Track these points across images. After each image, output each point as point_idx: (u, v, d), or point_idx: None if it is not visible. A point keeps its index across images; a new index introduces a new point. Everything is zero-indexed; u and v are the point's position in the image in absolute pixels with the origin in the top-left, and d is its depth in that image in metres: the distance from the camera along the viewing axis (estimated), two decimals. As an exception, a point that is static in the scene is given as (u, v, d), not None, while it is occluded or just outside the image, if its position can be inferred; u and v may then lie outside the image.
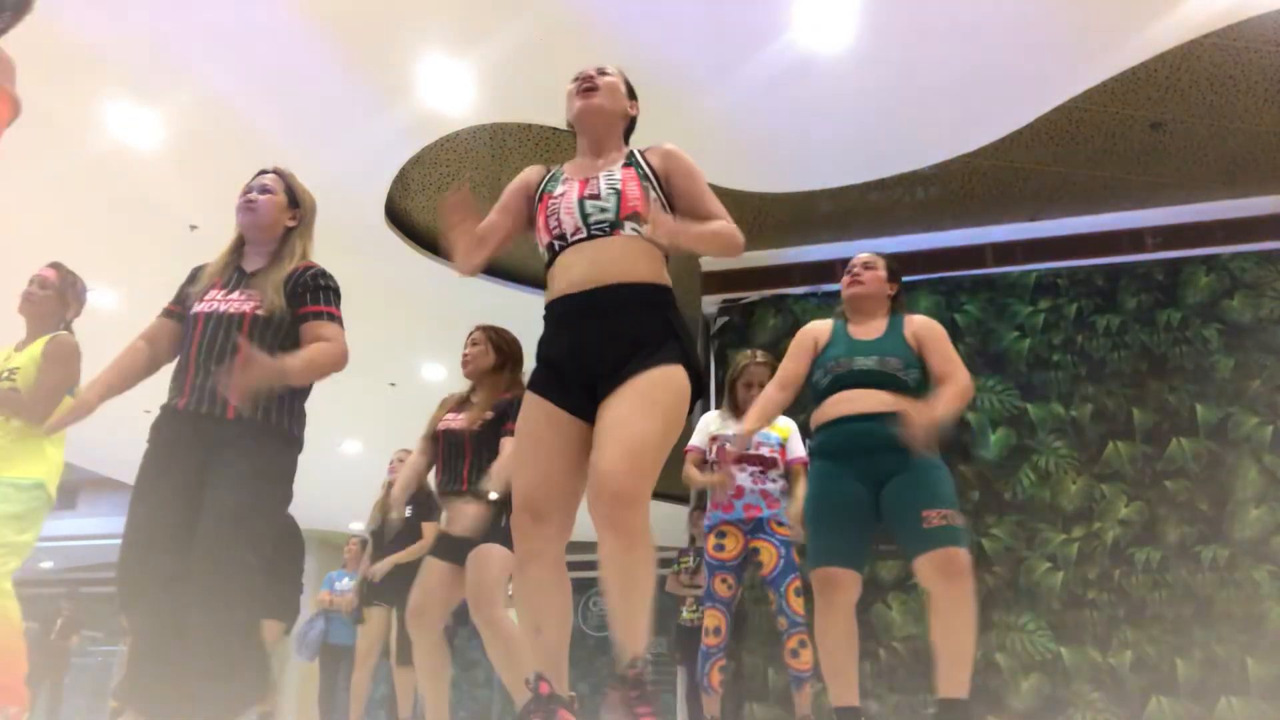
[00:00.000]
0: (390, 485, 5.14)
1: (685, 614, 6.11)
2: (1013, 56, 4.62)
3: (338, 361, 2.34)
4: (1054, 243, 5.94)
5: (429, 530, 4.85)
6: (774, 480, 3.96)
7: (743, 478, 3.90)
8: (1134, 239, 5.85)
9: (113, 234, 6.12)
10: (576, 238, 1.99)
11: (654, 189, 2.05)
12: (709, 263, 6.37)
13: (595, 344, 1.92)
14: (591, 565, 1.74)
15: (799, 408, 3.09)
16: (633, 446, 1.76)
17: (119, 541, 2.20)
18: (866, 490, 2.68)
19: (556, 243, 2.02)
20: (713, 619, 3.85)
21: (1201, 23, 4.38)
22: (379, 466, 5.75)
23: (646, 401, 1.82)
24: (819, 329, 2.98)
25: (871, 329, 2.88)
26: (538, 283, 7.01)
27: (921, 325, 2.86)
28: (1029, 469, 5.51)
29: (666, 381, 1.87)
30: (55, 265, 3.31)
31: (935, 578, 2.50)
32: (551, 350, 2.00)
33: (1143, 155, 5.46)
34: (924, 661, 5.19)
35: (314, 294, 2.37)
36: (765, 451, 3.91)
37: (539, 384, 1.99)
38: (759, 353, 4.13)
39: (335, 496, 10.66)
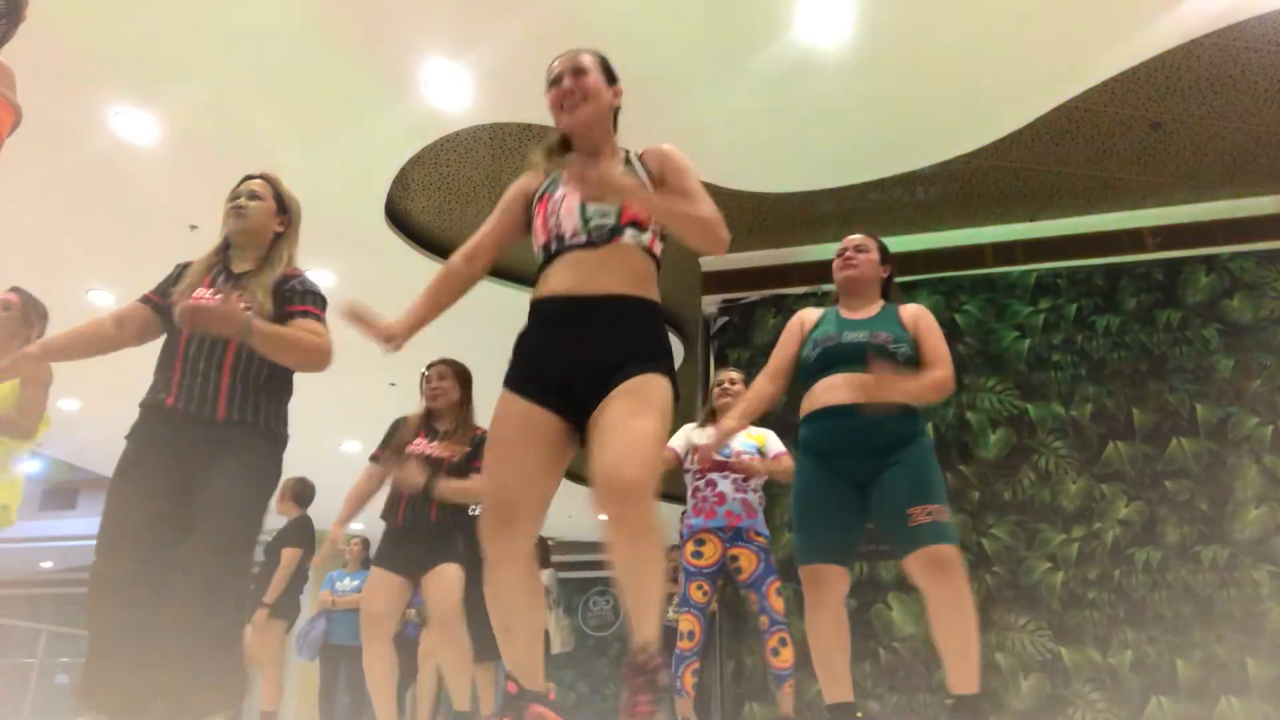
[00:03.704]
0: None
1: (669, 614, 6.07)
2: (1013, 56, 4.62)
3: (317, 352, 2.35)
4: (1054, 243, 5.94)
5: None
6: (755, 490, 4.02)
7: (725, 485, 3.95)
8: (1134, 239, 5.85)
9: (113, 234, 6.12)
10: (575, 240, 1.96)
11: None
12: (709, 263, 6.37)
13: (583, 348, 1.89)
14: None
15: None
16: (634, 440, 1.73)
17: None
18: (853, 487, 2.65)
19: (554, 243, 2.00)
20: (687, 623, 3.86)
21: (1201, 23, 4.38)
22: (379, 466, 5.73)
23: (641, 400, 1.81)
24: (808, 314, 2.95)
25: (864, 311, 2.83)
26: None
27: (919, 313, 2.82)
28: (1029, 469, 5.51)
29: (659, 387, 1.86)
30: (16, 289, 3.42)
31: (925, 576, 2.48)
32: (534, 348, 1.97)
33: (1143, 155, 5.46)
34: (924, 661, 5.19)
35: (302, 297, 2.43)
36: (745, 459, 3.93)
37: (516, 381, 1.95)
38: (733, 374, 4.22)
39: (335, 496, 10.62)
